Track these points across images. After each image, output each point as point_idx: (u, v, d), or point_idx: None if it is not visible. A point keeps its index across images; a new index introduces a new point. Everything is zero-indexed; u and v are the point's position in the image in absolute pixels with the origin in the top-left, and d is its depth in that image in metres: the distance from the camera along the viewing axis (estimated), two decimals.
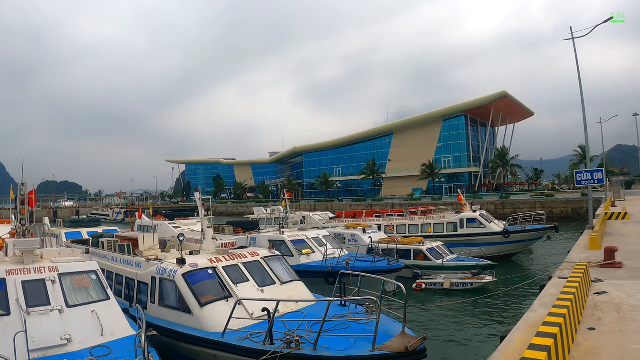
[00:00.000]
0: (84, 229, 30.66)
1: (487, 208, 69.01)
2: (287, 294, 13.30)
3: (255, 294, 12.82)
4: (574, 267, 10.71)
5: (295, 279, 14.82)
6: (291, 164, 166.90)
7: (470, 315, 19.32)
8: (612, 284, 10.28)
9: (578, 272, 9.75)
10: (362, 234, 32.42)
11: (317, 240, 24.74)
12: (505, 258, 34.67)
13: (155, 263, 14.26)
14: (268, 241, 24.58)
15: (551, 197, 69.70)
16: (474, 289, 24.57)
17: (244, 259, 14.28)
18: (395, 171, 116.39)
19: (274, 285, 13.72)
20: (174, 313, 12.63)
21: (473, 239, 34.96)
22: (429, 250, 28.63)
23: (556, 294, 9.26)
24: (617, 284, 10.25)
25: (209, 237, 16.02)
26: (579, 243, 16.91)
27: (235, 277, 13.21)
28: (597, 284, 10.30)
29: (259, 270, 14.12)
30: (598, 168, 23.23)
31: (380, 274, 20.33)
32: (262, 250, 15.79)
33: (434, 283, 25.74)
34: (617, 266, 11.73)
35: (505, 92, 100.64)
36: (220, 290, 12.70)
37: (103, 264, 17.49)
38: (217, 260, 13.66)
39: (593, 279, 10.61)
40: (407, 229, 38.02)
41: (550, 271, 20.96)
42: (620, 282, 10.42)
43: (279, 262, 15.38)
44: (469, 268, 26.97)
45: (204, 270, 13.16)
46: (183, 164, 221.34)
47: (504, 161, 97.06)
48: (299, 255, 23.30)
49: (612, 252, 11.85)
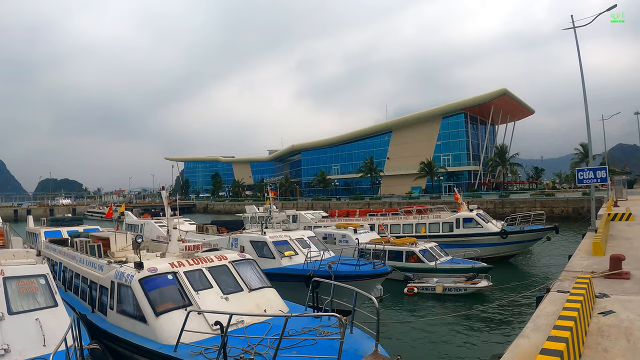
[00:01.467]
0: (64, 228, 29.27)
1: (486, 207, 67.89)
2: (254, 302, 12.42)
3: (218, 302, 11.83)
4: (576, 278, 9.21)
5: (265, 285, 13.64)
6: (290, 162, 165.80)
7: (458, 331, 17.65)
8: (619, 300, 8.76)
9: (580, 285, 8.25)
10: (353, 234, 31.11)
11: (301, 242, 23.31)
12: (503, 259, 33.28)
13: (115, 266, 13.35)
14: (250, 242, 23.34)
15: (552, 197, 68.28)
16: (468, 294, 23.17)
17: (210, 263, 13.22)
18: (394, 169, 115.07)
19: (241, 293, 12.65)
20: (130, 321, 11.70)
21: (469, 239, 33.54)
22: (421, 251, 27.25)
23: (553, 313, 7.80)
24: (625, 300, 8.73)
25: (175, 239, 14.83)
26: (581, 248, 15.34)
27: (197, 283, 12.22)
28: (602, 300, 8.77)
29: (226, 276, 13.07)
30: (601, 166, 21.58)
31: (364, 278, 19.03)
32: (231, 254, 14.55)
33: (426, 287, 24.39)
34: (625, 277, 10.23)
35: (505, 90, 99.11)
36: (179, 298, 11.70)
37: (72, 266, 17.11)
38: (179, 265, 12.64)
39: (597, 293, 9.10)
40: (401, 228, 36.64)
41: (549, 280, 19.55)
42: (629, 297, 8.90)
43: (250, 266, 14.18)
44: (463, 271, 25.55)
45: (163, 276, 12.14)
46: (182, 162, 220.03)
47: (504, 159, 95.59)
48: (281, 258, 21.88)
49: (618, 260, 10.34)
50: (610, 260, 10.53)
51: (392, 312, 21.36)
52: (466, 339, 16.78)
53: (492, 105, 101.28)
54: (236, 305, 11.80)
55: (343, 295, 19.70)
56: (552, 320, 7.16)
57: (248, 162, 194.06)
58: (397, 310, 21.76)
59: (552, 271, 28.26)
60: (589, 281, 8.40)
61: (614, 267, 10.38)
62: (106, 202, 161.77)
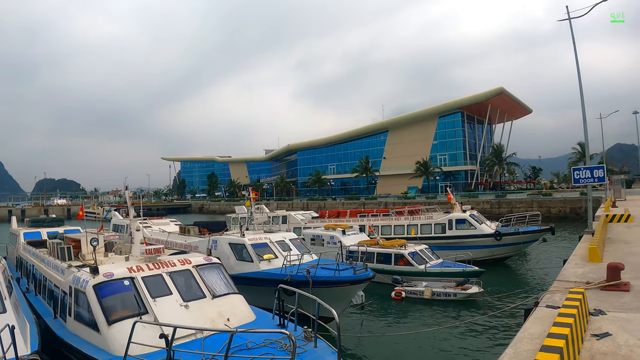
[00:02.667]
0: (44, 229, 28.32)
1: (482, 207, 66.85)
2: (217, 310, 11.62)
3: (176, 310, 11.11)
4: (569, 291, 7.97)
5: (232, 291, 12.79)
6: (286, 162, 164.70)
7: (440, 344, 16.34)
8: (617, 318, 7.52)
9: (572, 303, 7.00)
10: (341, 235, 30.04)
11: (282, 244, 22.13)
12: (497, 262, 32.09)
13: (74, 271, 12.75)
14: (228, 244, 22.32)
15: (549, 196, 67.08)
16: (457, 300, 21.97)
17: (171, 267, 12.43)
18: (390, 169, 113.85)
19: (203, 300, 11.82)
20: (86, 330, 11.06)
21: (462, 241, 32.35)
22: (411, 254, 26.06)
23: (538, 335, 6.59)
24: (624, 319, 7.48)
25: (138, 242, 13.94)
26: (576, 252, 14.07)
27: (155, 289, 11.44)
28: (597, 318, 7.53)
29: (188, 281, 12.33)
30: (599, 165, 20.34)
31: (344, 284, 17.84)
32: (196, 258, 13.62)
33: (415, 291, 23.22)
34: (623, 289, 8.99)
35: (502, 89, 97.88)
36: (134, 306, 10.97)
37: (41, 269, 16.65)
38: (137, 269, 11.85)
39: (592, 309, 7.85)
40: (392, 230, 35.46)
41: (542, 286, 18.36)
42: (629, 315, 7.64)
43: (216, 271, 13.34)
44: (453, 275, 24.35)
45: (120, 281, 11.42)
46: (179, 162, 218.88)
47: (500, 159, 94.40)
48: (259, 261, 20.73)
49: (616, 270, 9.10)
50: (607, 270, 9.29)
51: (376, 319, 20.19)
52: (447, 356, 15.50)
53: (489, 104, 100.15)
54: (197, 314, 11.14)
55: (326, 297, 18.55)
56: (536, 344, 6.00)
57: (244, 162, 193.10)
58: (381, 317, 20.56)
59: (546, 276, 27.08)
60: (582, 297, 7.16)
61: (612, 277, 9.14)
62: (101, 202, 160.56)
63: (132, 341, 8.85)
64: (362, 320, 19.74)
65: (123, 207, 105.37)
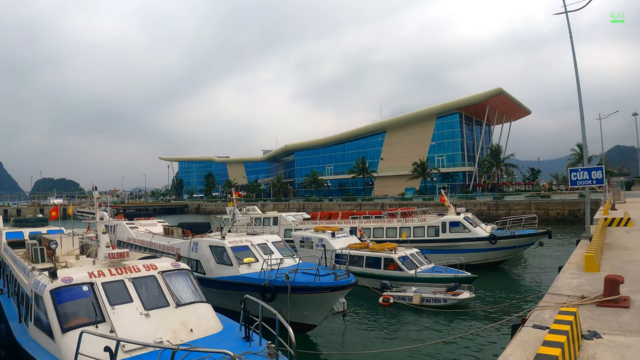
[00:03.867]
0: (27, 229, 27.56)
1: (479, 209, 66.03)
2: (180, 319, 10.97)
3: (136, 318, 10.53)
4: (559, 310, 6.88)
5: (198, 300, 12.05)
6: (284, 162, 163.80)
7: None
8: (614, 343, 6.39)
9: (563, 324, 5.90)
10: (330, 238, 29.03)
11: (263, 247, 21.12)
12: (493, 266, 31.03)
13: (35, 274, 12.26)
14: (209, 247, 21.37)
15: (547, 198, 66.09)
16: (447, 306, 20.92)
17: (135, 273, 11.77)
18: (388, 170, 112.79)
19: (166, 308, 11.16)
20: (43, 336, 10.66)
21: (456, 244, 31.27)
22: (401, 258, 25.04)
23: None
24: (622, 344, 6.35)
25: (103, 245, 13.09)
26: (572, 260, 12.94)
27: (115, 296, 10.86)
28: (590, 343, 6.40)
29: (152, 288, 11.65)
30: (597, 166, 19.23)
31: (324, 291, 16.79)
32: (163, 263, 12.84)
33: (403, 297, 22.16)
34: (623, 305, 7.88)
35: (500, 89, 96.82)
36: (92, 313, 10.33)
37: (14, 270, 16.19)
38: (98, 275, 11.26)
39: (585, 331, 6.75)
40: (384, 232, 34.35)
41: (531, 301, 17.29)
42: (627, 339, 6.50)
43: (183, 277, 12.60)
44: (444, 280, 23.30)
45: (78, 287, 10.82)
46: (177, 162, 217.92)
47: (498, 160, 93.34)
48: (238, 265, 19.77)
49: (615, 283, 7.99)
50: (605, 283, 8.18)
51: (359, 329, 19.12)
52: None
53: (488, 104, 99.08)
54: (157, 324, 10.55)
55: (300, 307, 17.54)
56: None
57: (242, 162, 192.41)
58: (364, 326, 19.50)
59: (540, 282, 26.08)
60: (573, 318, 6.07)
61: (610, 291, 8.04)
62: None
63: (80, 352, 8.52)
64: (345, 328, 18.66)
65: (118, 207, 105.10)
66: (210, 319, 11.61)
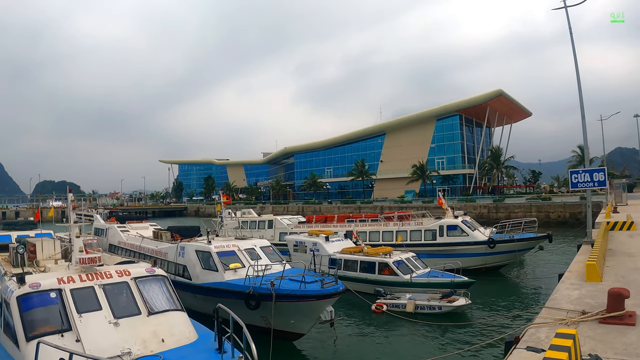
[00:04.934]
0: (15, 232, 27.04)
1: (479, 212, 65.11)
2: (151, 329, 10.50)
3: (104, 327, 10.09)
4: (556, 332, 6.00)
5: (173, 308, 11.53)
6: (284, 165, 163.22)
7: None
8: None
9: (560, 350, 5.04)
10: (324, 242, 28.27)
11: (250, 252, 20.32)
12: (491, 271, 30.13)
13: (5, 279, 12.22)
14: (195, 252, 20.63)
15: (548, 201, 65.14)
16: (442, 314, 20.05)
17: (107, 279, 11.26)
18: (387, 172, 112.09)
19: (137, 317, 10.67)
20: (10, 344, 10.31)
21: (453, 248, 30.40)
22: (395, 263, 24.19)
23: None
24: None
25: (77, 249, 12.33)
26: (572, 268, 12.04)
27: (84, 303, 10.41)
28: None
29: (123, 296, 11.20)
30: (599, 168, 18.36)
31: (309, 299, 15.96)
32: (137, 269, 12.27)
33: (397, 304, 21.31)
34: (628, 322, 7.00)
35: (500, 91, 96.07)
36: (58, 321, 9.87)
37: None
38: (68, 280, 10.79)
39: (586, 355, 5.89)
40: (380, 236, 33.51)
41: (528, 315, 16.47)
42: None
43: (159, 284, 12.03)
44: (440, 285, 22.45)
45: (46, 293, 10.40)
46: (177, 165, 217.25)
47: (498, 162, 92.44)
48: (224, 271, 19.00)
49: (619, 297, 7.11)
50: (608, 297, 7.29)
51: (350, 337, 18.31)
52: None
53: (488, 106, 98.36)
54: (127, 333, 10.10)
55: (286, 316, 16.73)
56: None
57: (242, 165, 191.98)
58: (355, 335, 18.65)
59: (540, 289, 25.11)
60: (572, 342, 5.20)
61: (614, 306, 7.16)
62: (96, 204, 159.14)
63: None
64: (336, 338, 17.78)
65: (116, 209, 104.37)
66: (184, 328, 11.07)
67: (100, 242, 33.12)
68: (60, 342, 9.30)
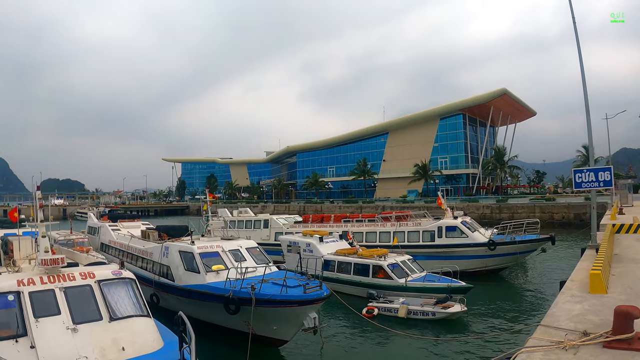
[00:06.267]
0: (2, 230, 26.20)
1: (482, 212, 63.98)
2: (112, 336, 9.93)
3: (61, 333, 9.54)
4: (554, 351, 4.92)
5: (138, 314, 10.93)
6: (286, 164, 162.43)
7: None
8: None
9: None
10: (317, 243, 27.34)
11: (235, 254, 19.37)
12: (491, 274, 29.06)
13: None
14: (178, 252, 19.81)
15: (552, 202, 63.88)
16: (436, 320, 19.01)
17: (69, 282, 10.75)
18: (390, 172, 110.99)
19: (97, 322, 10.12)
20: None
21: (452, 250, 29.32)
22: (390, 266, 23.16)
23: None
24: None
25: (42, 250, 11.77)
26: (575, 277, 10.84)
27: (42, 307, 9.92)
28: None
29: (85, 300, 10.59)
30: (605, 167, 17.19)
31: (290, 305, 14.94)
32: (103, 271, 11.72)
33: (389, 309, 20.30)
34: (637, 348, 5.90)
35: (504, 90, 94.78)
36: (14, 325, 9.48)
37: None
38: (27, 283, 10.35)
39: None
40: (377, 237, 32.42)
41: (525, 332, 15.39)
42: None
43: (124, 288, 11.44)
44: (436, 290, 21.39)
45: (3, 296, 9.98)
46: (180, 163, 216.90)
47: (501, 162, 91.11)
48: (205, 273, 18.12)
49: (628, 317, 5.95)
50: (615, 317, 6.15)
51: (338, 344, 17.31)
52: None
53: (492, 105, 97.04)
54: (85, 340, 9.60)
55: (268, 321, 15.77)
56: None
57: (245, 163, 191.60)
58: (343, 342, 17.61)
59: (541, 296, 23.92)
60: None
61: (621, 328, 6.04)
62: (99, 202, 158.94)
63: None
64: (322, 344, 16.78)
65: (116, 208, 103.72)
66: (148, 336, 10.44)
67: (93, 240, 32.51)
68: (14, 348, 9.08)
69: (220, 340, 17.38)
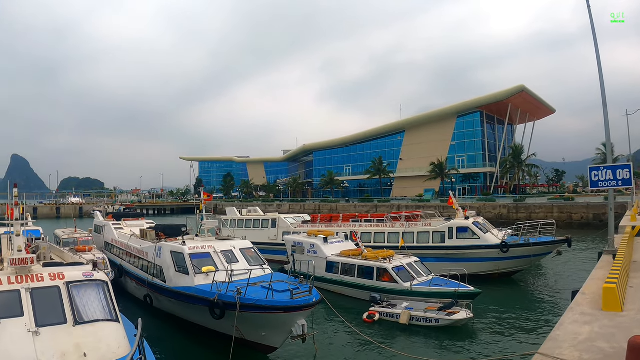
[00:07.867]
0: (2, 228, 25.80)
1: (499, 212, 62.37)
2: (75, 340, 9.32)
3: (21, 337, 9.05)
4: None
5: (107, 318, 10.25)
6: (303, 162, 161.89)
7: None
8: None
9: None
10: (322, 243, 26.40)
11: (227, 255, 18.47)
12: (504, 277, 27.67)
13: None
14: (170, 252, 19.23)
15: (571, 201, 61.90)
16: (439, 328, 17.83)
17: (37, 282, 10.27)
18: (407, 170, 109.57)
19: (61, 326, 9.53)
20: None
21: (463, 252, 28.00)
22: (395, 268, 22.05)
23: None
24: None
25: (16, 249, 11.27)
26: (587, 289, 9.54)
27: (5, 308, 9.49)
28: None
29: (51, 302, 10.03)
30: (624, 164, 15.84)
31: (276, 311, 13.91)
32: (74, 272, 11.01)
33: (390, 314, 19.21)
34: None
35: (522, 87, 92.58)
36: None
37: None
38: None
39: None
40: (386, 237, 31.19)
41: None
42: None
43: (95, 290, 10.78)
44: (442, 295, 20.16)
45: None
46: (197, 162, 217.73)
47: (519, 160, 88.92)
48: (195, 274, 17.37)
49: None
50: (628, 352, 4.96)
51: (331, 352, 16.23)
52: None
53: (510, 103, 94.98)
54: (46, 344, 9.08)
55: (256, 327, 14.86)
56: None
57: (262, 162, 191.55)
58: (335, 351, 16.53)
59: (554, 304, 22.40)
60: None
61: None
62: (115, 201, 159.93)
63: None
64: (316, 351, 15.73)
65: (131, 206, 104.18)
66: (113, 342, 9.81)
67: (98, 239, 32.11)
68: None
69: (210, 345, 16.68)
